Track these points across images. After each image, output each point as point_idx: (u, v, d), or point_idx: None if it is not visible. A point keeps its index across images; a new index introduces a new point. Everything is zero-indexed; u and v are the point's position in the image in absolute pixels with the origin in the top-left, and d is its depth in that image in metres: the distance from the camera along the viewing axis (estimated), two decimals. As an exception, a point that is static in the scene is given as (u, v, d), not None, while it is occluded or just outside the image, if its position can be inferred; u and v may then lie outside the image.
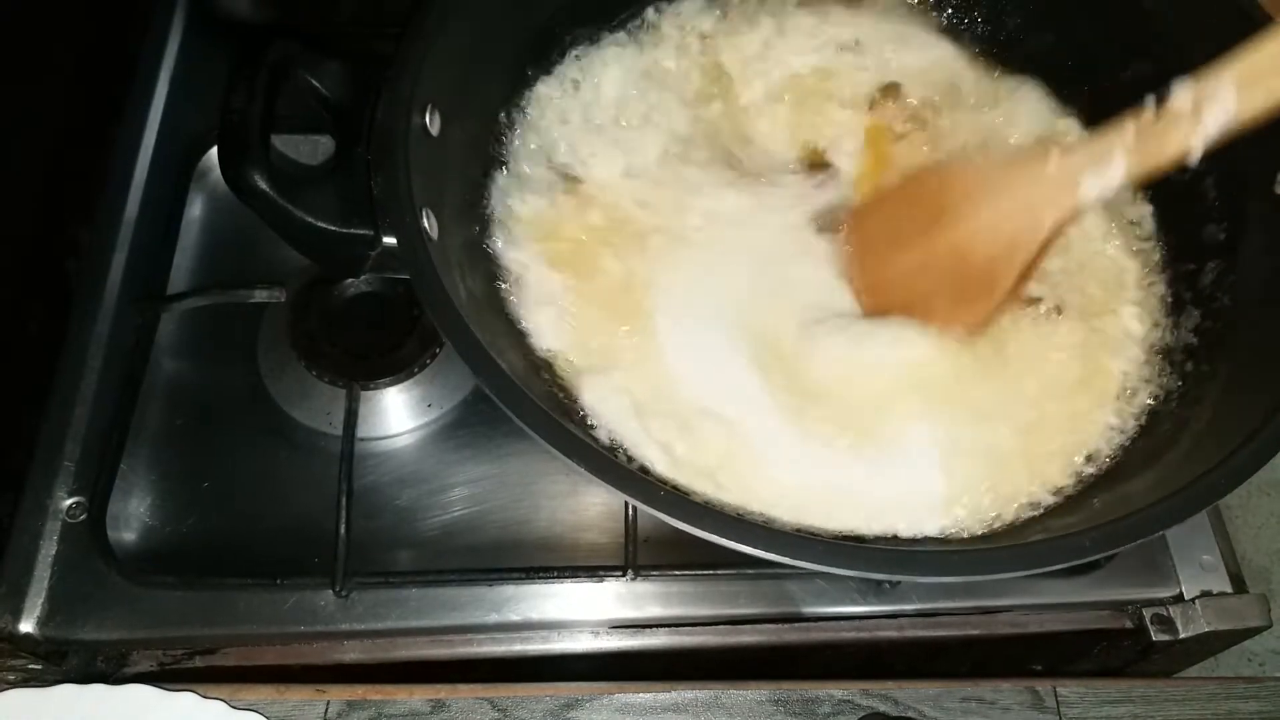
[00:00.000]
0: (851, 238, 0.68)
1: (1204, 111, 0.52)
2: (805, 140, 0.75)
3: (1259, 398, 0.55)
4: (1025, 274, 0.60)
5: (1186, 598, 0.67)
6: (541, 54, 0.74)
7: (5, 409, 0.72)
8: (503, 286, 0.67)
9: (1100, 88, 0.72)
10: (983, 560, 0.52)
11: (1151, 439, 0.63)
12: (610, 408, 0.62)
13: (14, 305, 0.74)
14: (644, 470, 0.59)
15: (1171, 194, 0.70)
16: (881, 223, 0.67)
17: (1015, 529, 0.61)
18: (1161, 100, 0.54)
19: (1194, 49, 0.55)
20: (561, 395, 0.63)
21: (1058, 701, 0.61)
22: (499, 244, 0.69)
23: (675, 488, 0.58)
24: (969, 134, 0.74)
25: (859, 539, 0.58)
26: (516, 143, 0.72)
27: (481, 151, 0.70)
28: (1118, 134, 0.55)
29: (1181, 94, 0.53)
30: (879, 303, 0.65)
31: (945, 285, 0.62)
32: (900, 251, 0.64)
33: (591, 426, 0.62)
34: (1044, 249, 0.58)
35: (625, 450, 0.61)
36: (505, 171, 0.71)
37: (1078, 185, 0.56)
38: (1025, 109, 0.75)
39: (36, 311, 0.75)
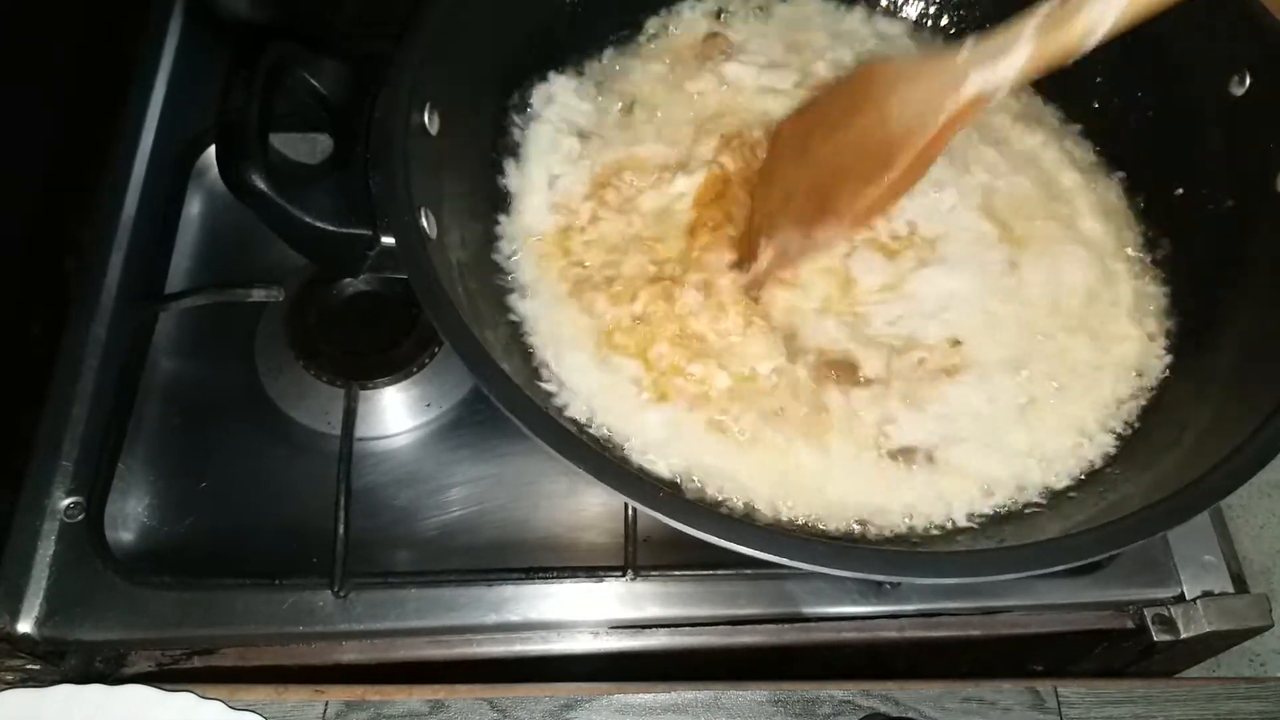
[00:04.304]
0: (774, 145, 0.71)
1: (1091, 7, 0.53)
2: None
3: (1259, 398, 0.55)
4: (923, 159, 0.63)
5: (1188, 598, 0.67)
6: (543, 54, 0.74)
7: (4, 408, 0.71)
8: (502, 285, 0.67)
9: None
10: (983, 561, 0.52)
11: (1152, 439, 0.63)
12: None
13: (15, 304, 0.74)
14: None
15: (1171, 191, 0.70)
16: (805, 125, 0.70)
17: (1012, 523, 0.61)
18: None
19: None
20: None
21: (1059, 702, 0.61)
22: (498, 243, 0.68)
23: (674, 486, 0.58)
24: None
25: (859, 539, 0.58)
26: (516, 142, 0.72)
27: (481, 151, 0.70)
28: (1003, 35, 0.57)
29: None
30: (787, 210, 0.67)
31: (849, 174, 0.65)
32: (818, 147, 0.67)
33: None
34: (940, 137, 0.61)
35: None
36: (504, 170, 0.71)
37: (970, 80, 0.59)
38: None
39: (37, 311, 0.75)
